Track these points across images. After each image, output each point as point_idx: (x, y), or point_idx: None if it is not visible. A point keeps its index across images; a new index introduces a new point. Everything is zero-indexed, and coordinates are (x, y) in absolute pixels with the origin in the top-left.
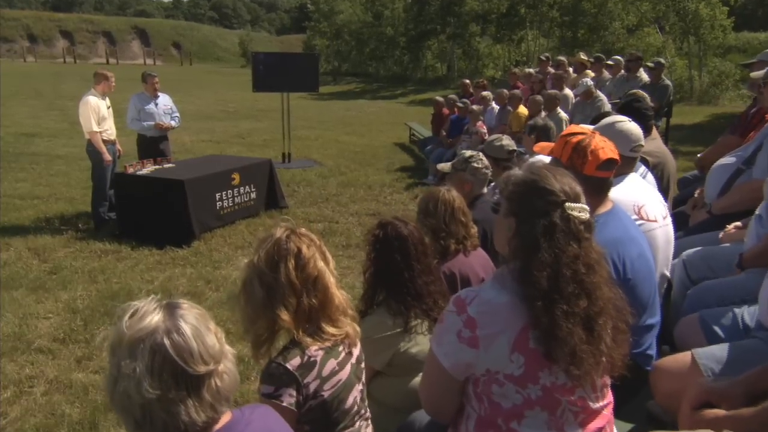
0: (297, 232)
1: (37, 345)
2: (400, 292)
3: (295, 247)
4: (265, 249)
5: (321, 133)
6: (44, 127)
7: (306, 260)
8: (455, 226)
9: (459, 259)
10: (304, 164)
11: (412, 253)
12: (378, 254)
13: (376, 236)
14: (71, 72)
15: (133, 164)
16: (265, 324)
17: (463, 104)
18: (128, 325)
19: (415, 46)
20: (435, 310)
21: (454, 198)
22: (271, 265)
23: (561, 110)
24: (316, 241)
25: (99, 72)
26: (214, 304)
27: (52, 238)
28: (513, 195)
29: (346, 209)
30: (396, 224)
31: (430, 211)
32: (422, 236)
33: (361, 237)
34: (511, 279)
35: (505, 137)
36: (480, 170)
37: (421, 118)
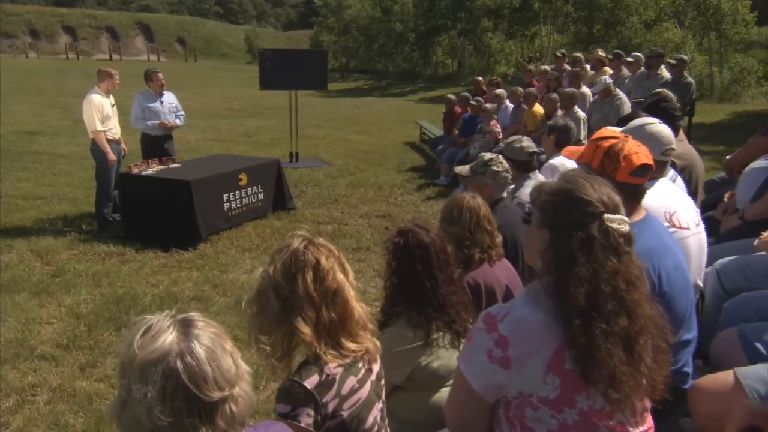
0: (315, 242)
1: (39, 351)
2: (421, 303)
3: (314, 258)
4: (281, 260)
5: (329, 131)
6: (47, 125)
7: (325, 272)
8: (480, 235)
9: (483, 269)
10: (311, 164)
11: (434, 262)
12: (398, 263)
13: (396, 244)
14: (74, 68)
15: (138, 164)
16: (281, 337)
17: (477, 102)
18: (140, 345)
19: (425, 42)
20: (457, 323)
21: (479, 205)
22: (288, 277)
23: (578, 109)
24: (335, 251)
25: (102, 69)
26: (222, 309)
27: (55, 240)
28: (547, 205)
29: (355, 210)
30: (417, 232)
31: (454, 219)
32: (444, 244)
33: (372, 239)
34: (546, 295)
35: (525, 138)
36: (500, 174)
37: (431, 117)
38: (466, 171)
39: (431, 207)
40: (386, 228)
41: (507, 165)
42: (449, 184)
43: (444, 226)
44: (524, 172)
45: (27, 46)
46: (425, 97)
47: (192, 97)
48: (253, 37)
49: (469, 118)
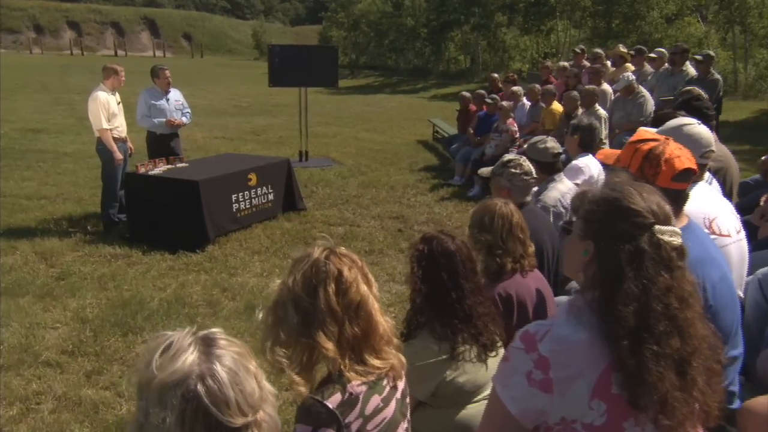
0: (337, 251)
1: (44, 358)
2: (446, 315)
3: (336, 269)
4: (301, 271)
5: (339, 129)
6: (51, 122)
7: (348, 284)
8: (513, 244)
9: (515, 279)
10: (321, 163)
11: (460, 272)
12: (422, 272)
13: (420, 252)
14: (78, 64)
15: (145, 163)
16: (300, 352)
17: (492, 100)
18: (159, 365)
19: (437, 38)
20: (485, 335)
21: (512, 212)
22: (309, 290)
23: (600, 107)
24: (358, 261)
25: (108, 66)
26: (231, 314)
27: (60, 241)
28: (591, 215)
29: (367, 212)
30: (442, 239)
31: (485, 226)
32: (470, 252)
33: (385, 242)
34: (590, 312)
35: (549, 139)
36: (518, 176)
37: (444, 114)
38: (488, 172)
39: (445, 208)
40: (399, 230)
41: (529, 167)
42: (464, 184)
43: (474, 233)
44: (549, 173)
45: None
46: (437, 94)
47: (198, 93)
48: (260, 32)
49: (484, 116)
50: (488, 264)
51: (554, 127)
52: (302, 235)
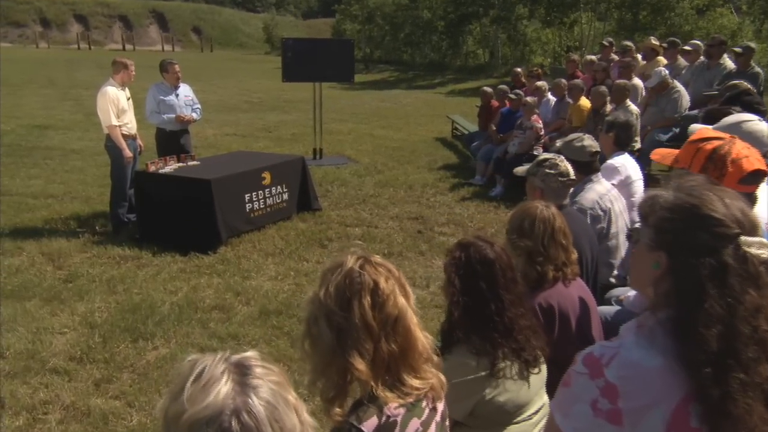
0: (371, 260)
1: (51, 365)
2: (485, 328)
3: (371, 280)
4: (334, 282)
5: (354, 126)
6: (58, 118)
7: (384, 297)
8: (555, 250)
9: (557, 289)
10: (336, 161)
11: (500, 281)
12: (460, 282)
13: (456, 259)
14: (86, 59)
15: (155, 161)
16: (335, 374)
17: (516, 96)
18: (190, 397)
19: (455, 31)
20: (527, 350)
21: (554, 216)
22: (342, 303)
23: (631, 103)
24: (395, 272)
25: (118, 60)
26: (245, 319)
27: (68, 242)
28: (664, 224)
29: (385, 212)
30: (479, 245)
31: (525, 231)
32: (510, 260)
33: (404, 244)
34: (664, 334)
35: (586, 137)
36: (552, 177)
37: (463, 110)
38: (523, 172)
39: (466, 209)
40: (419, 231)
41: (566, 168)
42: (485, 184)
43: (513, 239)
44: (585, 174)
45: (37, 36)
46: (455, 89)
47: (209, 89)
48: (272, 26)
49: (507, 112)
50: (528, 272)
51: (582, 123)
52: (318, 236)
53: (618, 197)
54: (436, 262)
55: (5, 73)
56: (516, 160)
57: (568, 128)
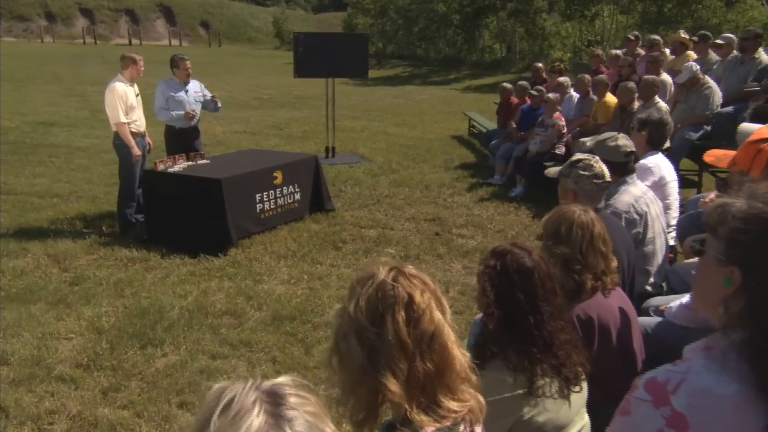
0: (405, 272)
1: (57, 372)
2: (523, 342)
3: (405, 293)
4: (365, 296)
5: (367, 123)
6: (63, 115)
7: (420, 311)
8: (593, 258)
9: (597, 299)
10: (349, 159)
11: (539, 292)
12: (496, 293)
13: (491, 268)
14: (91, 53)
15: (164, 160)
16: (365, 394)
17: (538, 92)
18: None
19: (471, 25)
20: (567, 366)
21: (592, 221)
22: (374, 318)
23: (660, 99)
24: (430, 284)
25: (126, 55)
26: (258, 325)
27: (74, 243)
28: (738, 236)
29: (401, 213)
30: (516, 253)
31: (562, 237)
32: (550, 269)
33: (421, 246)
34: (737, 358)
35: (621, 136)
36: (586, 179)
37: (480, 107)
38: (554, 173)
39: (485, 209)
40: (436, 233)
41: (601, 170)
42: (505, 184)
43: (548, 245)
44: (620, 175)
45: (42, 30)
46: (471, 85)
47: (217, 85)
48: (281, 20)
49: (528, 109)
50: (565, 281)
51: (607, 121)
52: (331, 238)
53: (654, 200)
54: (454, 265)
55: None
56: (537, 159)
57: (593, 126)
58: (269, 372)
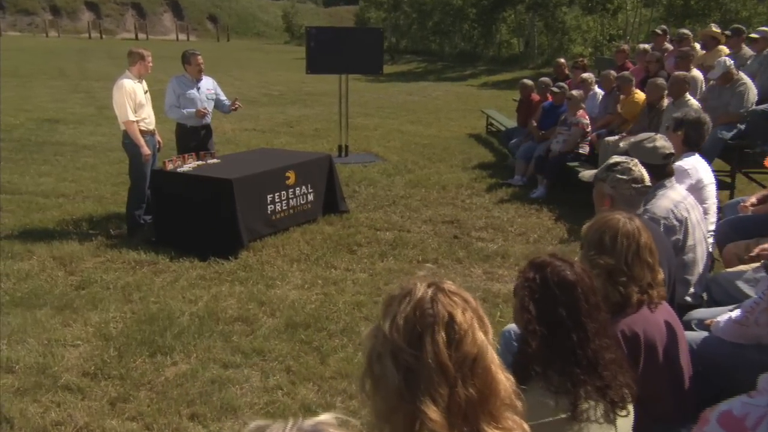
0: (445, 288)
1: (64, 381)
2: (565, 362)
3: (446, 312)
4: (402, 314)
5: (380, 121)
6: (69, 111)
7: (462, 332)
8: (640, 269)
9: (643, 314)
10: (363, 159)
11: (583, 307)
12: (535, 308)
13: (530, 281)
14: (97, 48)
15: (173, 159)
16: (401, 421)
17: (560, 89)
18: None
19: (488, 19)
20: (613, 388)
21: (638, 230)
22: (412, 339)
23: (691, 97)
24: (472, 301)
25: (134, 50)
26: (270, 332)
27: (80, 245)
28: None
29: (417, 215)
30: (557, 266)
31: (605, 247)
32: (593, 283)
33: (439, 250)
34: None
35: (658, 136)
36: (624, 183)
37: (497, 104)
38: (589, 177)
39: (506, 212)
40: (455, 236)
41: (640, 174)
42: (525, 184)
43: (591, 256)
44: (658, 178)
45: (47, 24)
46: (488, 81)
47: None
48: (291, 13)
49: (549, 107)
50: (609, 294)
51: (633, 119)
52: (346, 241)
53: (695, 205)
54: (475, 270)
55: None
56: (559, 159)
57: (618, 124)
58: (283, 382)
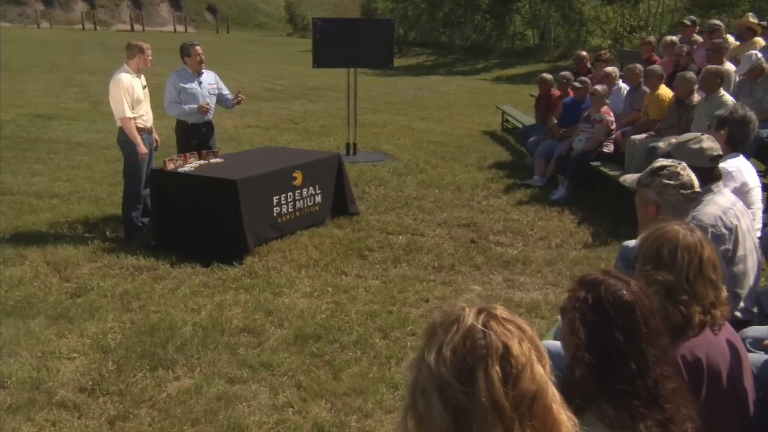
0: (497, 315)
1: (59, 397)
2: (622, 393)
3: (500, 342)
4: (450, 345)
5: (389, 117)
6: (62, 107)
7: (520, 366)
8: (702, 287)
9: (705, 337)
10: (372, 157)
11: (642, 332)
12: (588, 332)
13: (581, 301)
14: (91, 40)
15: (174, 158)
16: None
17: (582, 84)
18: None
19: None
20: (676, 423)
21: (701, 243)
22: (462, 374)
23: (725, 92)
24: (528, 330)
25: (133, 43)
26: (279, 344)
27: (75, 249)
28: None
29: (431, 217)
30: (612, 284)
31: (664, 262)
32: (652, 303)
33: (456, 256)
34: None
35: (706, 137)
36: (671, 188)
37: (513, 100)
38: (632, 182)
39: (525, 214)
40: (472, 241)
41: (689, 179)
42: (545, 185)
43: (647, 271)
44: (705, 183)
45: (39, 15)
46: (501, 75)
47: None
48: (294, 4)
49: (571, 103)
50: (670, 314)
51: (661, 116)
52: (356, 245)
53: (745, 211)
54: (494, 277)
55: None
56: (582, 159)
57: (645, 122)
58: (294, 399)
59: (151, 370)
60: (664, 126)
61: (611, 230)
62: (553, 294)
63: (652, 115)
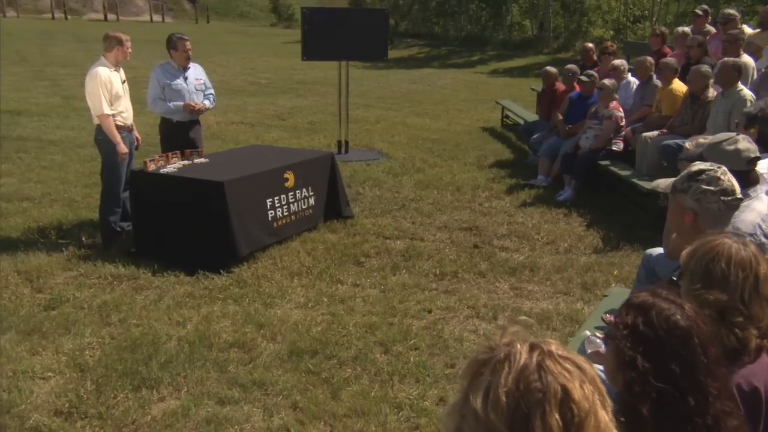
0: (552, 352)
1: (33, 422)
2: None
3: (558, 385)
4: (500, 387)
5: (382, 113)
6: (32, 102)
7: (582, 413)
8: (759, 308)
9: (763, 363)
10: (366, 156)
11: (701, 363)
12: (641, 361)
13: (631, 328)
14: (62, 30)
15: (155, 158)
16: None
17: (590, 78)
18: None
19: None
20: None
21: (756, 259)
22: (515, 421)
23: (743, 86)
24: (589, 370)
25: (111, 34)
26: (272, 360)
27: (48, 257)
28: None
29: (430, 221)
30: (664, 308)
31: (715, 280)
32: (710, 329)
33: (458, 262)
34: None
35: (741, 137)
36: (711, 195)
37: (512, 94)
38: (666, 187)
39: (530, 217)
40: (475, 246)
41: (730, 184)
42: (551, 185)
43: (696, 291)
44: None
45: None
46: (498, 68)
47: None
48: None
49: (577, 97)
50: (724, 338)
51: (673, 112)
52: (352, 251)
53: None
54: (501, 285)
55: None
56: (590, 157)
57: (657, 118)
58: (290, 422)
59: (133, 391)
60: (677, 123)
61: (622, 234)
62: (564, 303)
63: (665, 110)
